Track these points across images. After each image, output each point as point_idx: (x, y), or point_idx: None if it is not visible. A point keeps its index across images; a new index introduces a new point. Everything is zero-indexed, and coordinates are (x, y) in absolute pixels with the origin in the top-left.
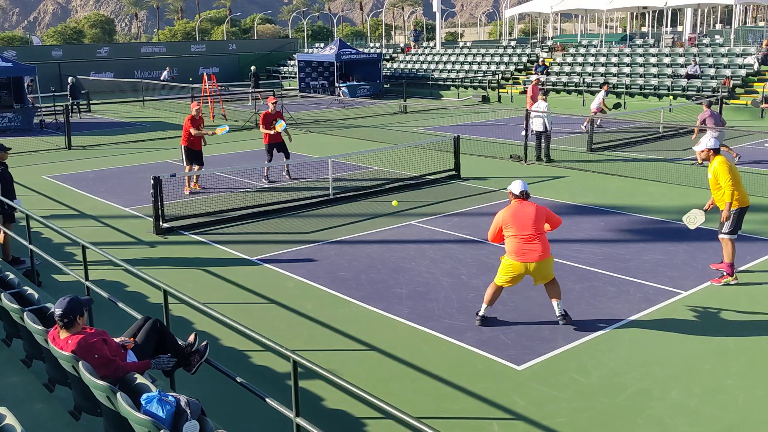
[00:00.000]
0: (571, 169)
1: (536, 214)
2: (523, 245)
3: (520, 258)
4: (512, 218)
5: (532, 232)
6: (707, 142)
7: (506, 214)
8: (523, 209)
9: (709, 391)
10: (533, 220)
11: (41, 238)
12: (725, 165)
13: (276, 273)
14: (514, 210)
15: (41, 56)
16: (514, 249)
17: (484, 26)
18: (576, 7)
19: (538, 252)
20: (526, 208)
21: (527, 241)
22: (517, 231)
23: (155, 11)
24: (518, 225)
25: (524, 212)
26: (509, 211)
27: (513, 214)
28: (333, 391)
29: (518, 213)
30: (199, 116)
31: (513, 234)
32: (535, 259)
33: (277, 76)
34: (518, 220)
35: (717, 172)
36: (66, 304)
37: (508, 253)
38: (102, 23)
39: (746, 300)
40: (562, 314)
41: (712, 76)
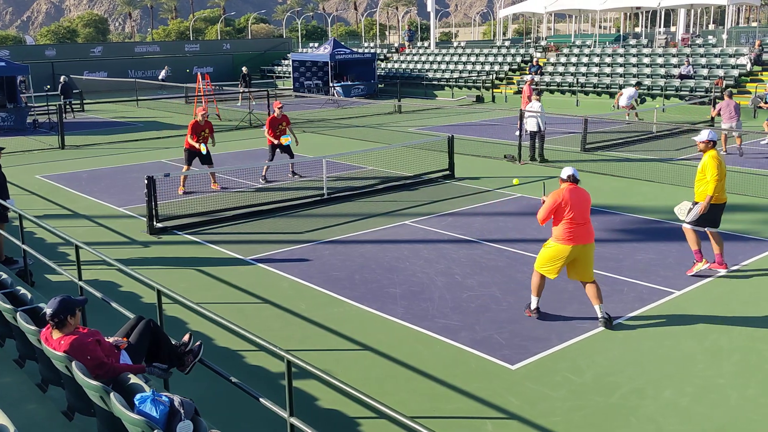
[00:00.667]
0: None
1: (589, 202)
2: (579, 229)
3: (573, 242)
4: (574, 202)
5: (587, 218)
6: (708, 134)
7: (566, 196)
8: (582, 195)
9: (701, 390)
10: (589, 206)
11: (34, 238)
12: (716, 160)
13: (270, 273)
14: (575, 194)
15: (34, 56)
16: (570, 233)
17: (478, 26)
18: (570, 7)
19: (593, 234)
20: (584, 194)
21: (583, 225)
22: (576, 215)
23: (149, 11)
24: (579, 209)
25: (583, 198)
26: (569, 194)
27: (574, 198)
28: (327, 390)
29: (579, 198)
30: (206, 121)
31: (572, 218)
32: (591, 240)
33: (271, 76)
34: (579, 205)
35: (706, 165)
36: (56, 305)
37: (558, 237)
38: (95, 22)
39: (739, 299)
40: (605, 317)
41: (705, 76)
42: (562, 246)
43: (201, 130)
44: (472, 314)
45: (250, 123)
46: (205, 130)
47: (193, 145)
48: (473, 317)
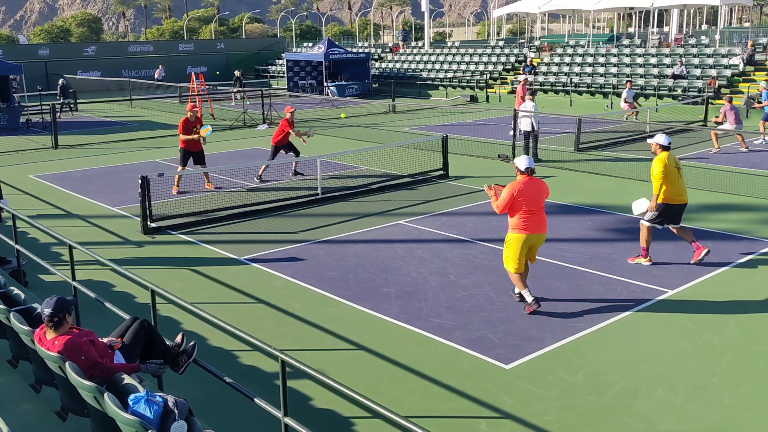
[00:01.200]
0: (559, 169)
1: (545, 192)
2: (533, 218)
3: (532, 230)
4: (529, 193)
5: (541, 208)
6: (658, 138)
7: (520, 188)
8: (537, 186)
9: (694, 389)
10: (544, 197)
11: (28, 238)
12: (661, 162)
13: (264, 273)
14: (529, 186)
15: (28, 55)
16: (525, 223)
17: (472, 26)
18: (563, 7)
19: (545, 223)
20: (539, 185)
21: (537, 215)
22: (530, 206)
23: (143, 10)
24: (533, 200)
25: (538, 189)
26: (523, 186)
27: (528, 189)
28: (321, 390)
29: (533, 189)
30: (196, 117)
31: (526, 208)
32: (544, 230)
33: (265, 76)
34: (533, 196)
35: (654, 165)
36: (54, 304)
37: (515, 227)
38: (89, 22)
39: (731, 299)
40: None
41: (698, 76)
42: (521, 234)
43: (192, 127)
44: (466, 314)
45: (244, 123)
46: (196, 126)
47: (188, 139)
48: (467, 317)
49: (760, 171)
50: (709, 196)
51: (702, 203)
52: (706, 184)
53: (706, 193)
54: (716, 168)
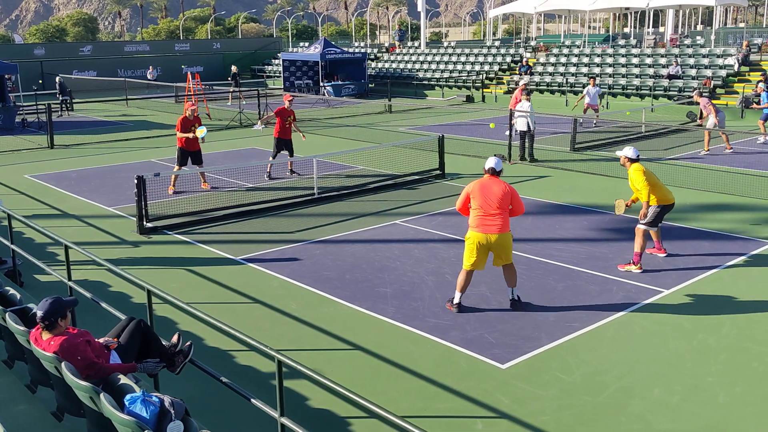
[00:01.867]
0: (555, 169)
1: (503, 194)
2: (484, 218)
3: (481, 230)
4: (480, 192)
5: (495, 209)
6: (626, 151)
7: (475, 187)
8: (492, 186)
9: (690, 388)
10: (499, 197)
11: (23, 238)
12: (639, 171)
13: (260, 273)
14: (483, 185)
15: (23, 55)
16: (476, 222)
17: (469, 26)
18: (559, 7)
19: (498, 225)
20: (494, 185)
21: (489, 215)
22: (481, 205)
23: (139, 10)
24: (484, 199)
25: (492, 189)
26: (478, 185)
27: (481, 188)
28: (318, 390)
29: (486, 188)
30: (194, 116)
31: (477, 207)
32: (494, 231)
33: (261, 76)
34: (485, 195)
35: (632, 178)
36: (47, 306)
37: (471, 226)
38: (85, 21)
39: (726, 298)
40: (514, 299)
41: (693, 76)
42: (474, 233)
43: (190, 125)
44: (462, 313)
45: (240, 123)
46: (194, 125)
47: (186, 138)
48: (463, 316)
49: (755, 171)
50: (704, 196)
51: (697, 203)
52: (701, 184)
53: (701, 193)
54: (711, 168)
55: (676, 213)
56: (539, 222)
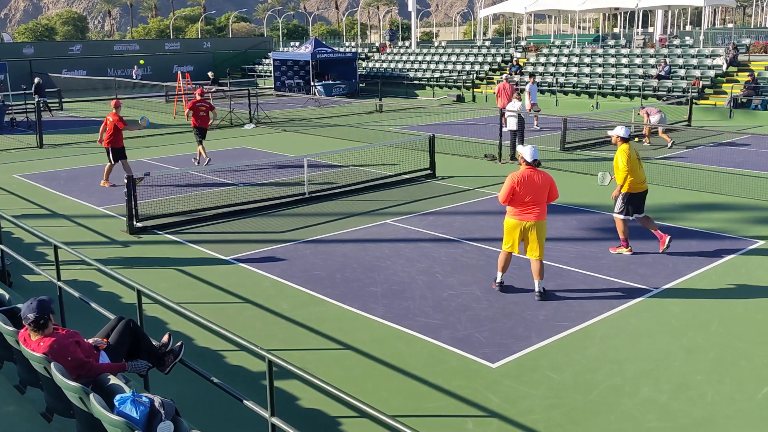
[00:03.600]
0: (545, 168)
1: (543, 183)
2: (525, 208)
3: (519, 218)
4: (524, 184)
5: (538, 200)
6: (618, 130)
7: (519, 179)
8: (534, 177)
9: (678, 386)
10: (540, 187)
11: (12, 238)
12: (626, 153)
13: (251, 272)
14: (526, 176)
15: (12, 53)
16: (516, 210)
17: (459, 26)
18: (549, 7)
19: (536, 213)
20: (536, 175)
21: (529, 205)
22: (525, 197)
23: (129, 8)
24: (526, 191)
25: (534, 180)
26: (522, 177)
27: (525, 180)
28: (308, 390)
29: (529, 180)
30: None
31: (522, 198)
32: (533, 219)
33: (252, 75)
34: (527, 187)
35: (618, 157)
36: (37, 307)
37: (510, 213)
38: (74, 20)
39: (715, 297)
40: (541, 292)
41: (682, 76)
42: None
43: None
44: (452, 313)
45: (230, 122)
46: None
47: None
48: (454, 316)
49: (743, 170)
50: (693, 196)
51: (685, 203)
52: (689, 183)
53: (689, 193)
54: (699, 168)
55: (665, 212)
56: None
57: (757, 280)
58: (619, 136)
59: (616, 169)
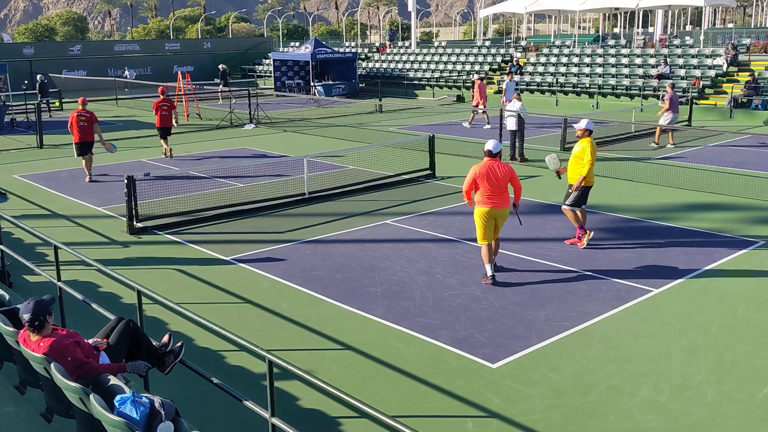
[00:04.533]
0: (545, 168)
1: (504, 174)
2: (492, 197)
3: (488, 206)
4: (486, 175)
5: (501, 188)
6: (584, 123)
7: (481, 170)
8: (496, 167)
9: (678, 387)
10: (501, 178)
11: (12, 239)
12: (592, 146)
13: (251, 272)
14: (488, 167)
15: (12, 54)
16: (485, 199)
17: (459, 26)
18: (549, 7)
19: (500, 201)
20: (498, 166)
21: (495, 194)
22: (489, 185)
23: (129, 9)
24: (489, 181)
25: (496, 170)
26: (483, 168)
27: (486, 171)
28: (309, 390)
29: (491, 171)
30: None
31: (485, 188)
32: (500, 206)
33: (252, 75)
34: (490, 177)
35: (584, 149)
36: (33, 308)
37: (479, 203)
38: (74, 21)
39: (715, 298)
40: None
41: (682, 76)
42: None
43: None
44: (452, 313)
45: (231, 123)
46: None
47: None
48: (454, 316)
49: (743, 170)
50: (693, 196)
51: (685, 203)
52: (689, 183)
53: (689, 193)
54: (699, 167)
55: (665, 212)
56: (529, 221)
57: (758, 281)
58: (587, 130)
59: (579, 160)
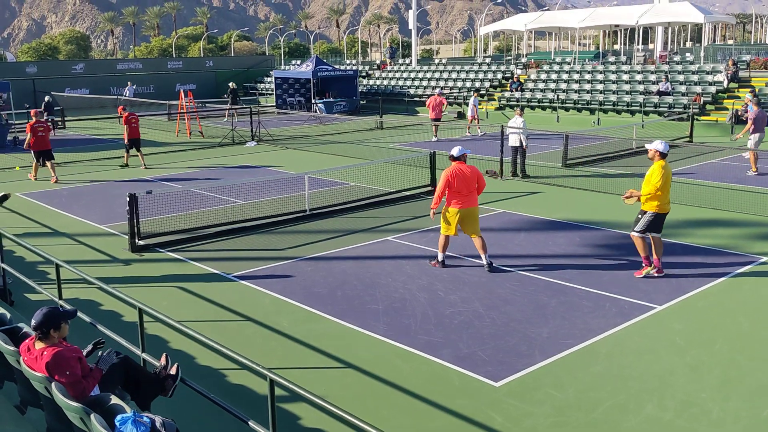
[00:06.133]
0: (547, 185)
1: (472, 174)
2: (462, 197)
3: (459, 206)
4: (456, 178)
5: (470, 189)
6: (658, 144)
7: (452, 172)
8: (464, 169)
9: (683, 404)
10: (469, 178)
11: (14, 257)
12: (662, 170)
13: (252, 290)
14: (457, 171)
15: (15, 72)
16: (455, 201)
17: (459, 43)
18: (550, 25)
19: (470, 200)
20: (465, 169)
21: (465, 195)
22: (460, 188)
23: (131, 28)
24: (459, 183)
25: (464, 173)
26: (453, 172)
27: (456, 174)
28: (310, 409)
29: (460, 174)
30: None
31: (456, 190)
32: (468, 206)
33: (254, 93)
34: (460, 180)
35: (653, 171)
36: (40, 317)
37: (450, 204)
38: (77, 39)
39: (719, 314)
40: (489, 263)
41: (683, 93)
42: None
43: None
44: (454, 330)
45: (233, 140)
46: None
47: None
48: (456, 333)
49: (748, 186)
50: (696, 212)
51: (689, 218)
52: (693, 199)
53: (692, 209)
54: (703, 183)
55: (669, 228)
56: (531, 238)
57: (762, 297)
58: (659, 151)
59: (647, 183)
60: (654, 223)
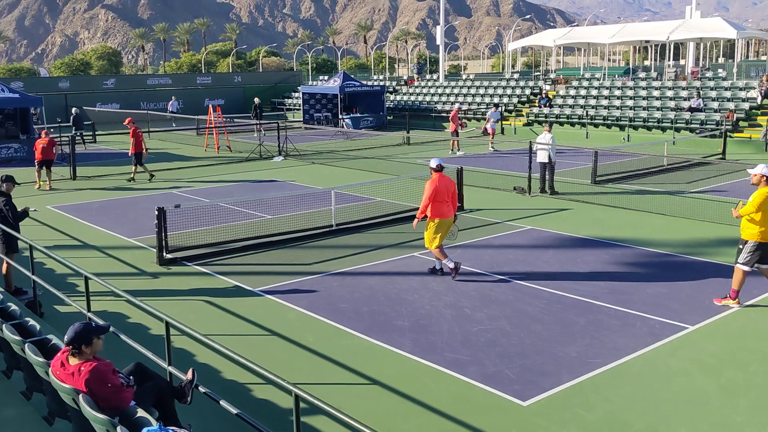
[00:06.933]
0: (576, 202)
1: (450, 183)
2: (446, 207)
3: (446, 216)
4: (440, 189)
5: (450, 197)
6: (764, 169)
7: (436, 186)
8: (446, 182)
9: (717, 427)
10: (451, 190)
11: (44, 269)
12: (764, 195)
13: (277, 304)
14: (440, 183)
15: (48, 87)
16: (441, 210)
17: (487, 59)
18: (579, 40)
19: (453, 209)
20: (447, 180)
21: (446, 203)
22: (443, 198)
23: (162, 44)
24: (444, 193)
25: (446, 184)
26: (437, 182)
27: (440, 186)
28: (334, 425)
29: (443, 185)
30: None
31: (441, 200)
32: (448, 216)
33: (281, 108)
34: (443, 190)
35: (756, 196)
36: (72, 333)
37: (436, 215)
38: (109, 55)
39: (754, 335)
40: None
41: (715, 109)
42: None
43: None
44: (481, 348)
45: (260, 155)
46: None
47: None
48: (483, 351)
49: None
50: (728, 230)
51: (721, 237)
52: (725, 218)
53: (724, 227)
54: (736, 202)
55: (701, 247)
56: (559, 255)
57: None
58: (765, 176)
59: (748, 205)
60: (758, 254)
